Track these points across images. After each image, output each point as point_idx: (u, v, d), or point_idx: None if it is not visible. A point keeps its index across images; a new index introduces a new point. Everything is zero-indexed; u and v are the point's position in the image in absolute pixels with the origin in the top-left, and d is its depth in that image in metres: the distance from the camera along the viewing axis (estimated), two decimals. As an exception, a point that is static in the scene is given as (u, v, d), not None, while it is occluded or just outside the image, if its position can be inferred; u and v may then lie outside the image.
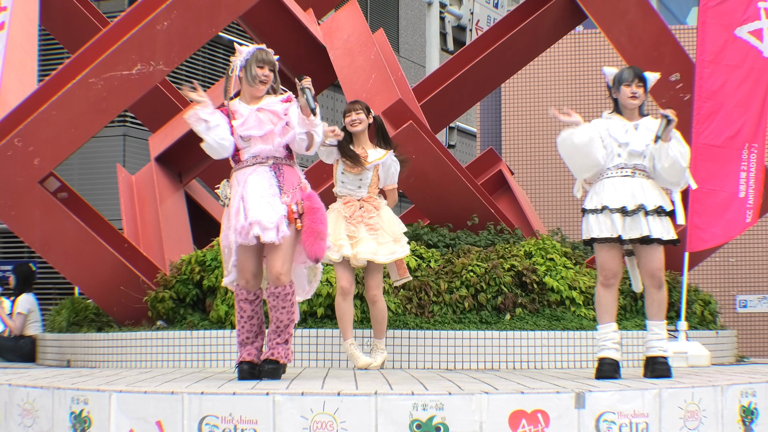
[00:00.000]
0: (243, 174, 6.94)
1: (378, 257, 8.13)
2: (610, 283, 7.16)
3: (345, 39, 11.20)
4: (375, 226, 8.18)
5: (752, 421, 6.70)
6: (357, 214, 8.21)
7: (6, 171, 9.33)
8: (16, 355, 12.07)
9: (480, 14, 26.01)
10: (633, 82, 7.22)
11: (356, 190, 8.26)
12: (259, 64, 7.10)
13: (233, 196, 6.91)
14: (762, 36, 9.71)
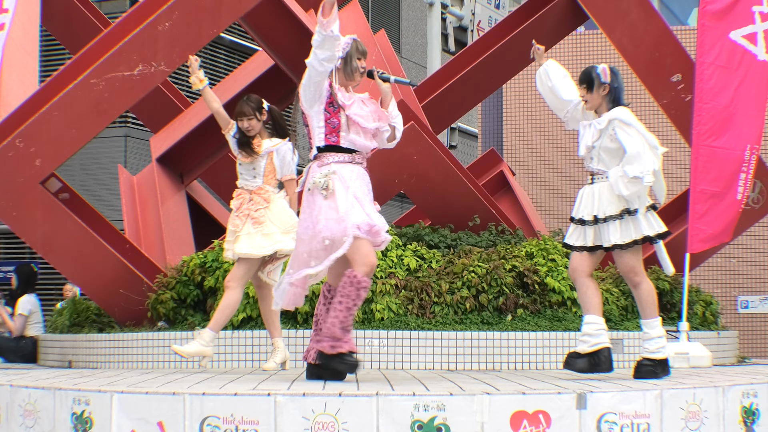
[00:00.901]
0: (347, 170, 6.85)
1: (258, 249, 7.90)
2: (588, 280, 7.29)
3: (346, 40, 11.19)
4: (260, 219, 7.96)
5: (754, 421, 6.70)
6: (245, 207, 8.05)
7: (7, 172, 9.33)
8: (17, 356, 12.08)
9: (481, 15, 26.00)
10: (580, 88, 7.30)
11: (251, 180, 8.11)
12: (358, 56, 7.04)
13: (339, 188, 6.78)
14: (756, 40, 9.73)
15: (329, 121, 6.88)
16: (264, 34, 11.57)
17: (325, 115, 6.88)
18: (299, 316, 8.90)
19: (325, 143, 6.89)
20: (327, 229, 6.72)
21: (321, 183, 6.77)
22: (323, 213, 6.76)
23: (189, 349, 7.75)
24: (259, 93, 12.25)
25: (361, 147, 6.92)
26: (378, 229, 6.82)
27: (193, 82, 8.09)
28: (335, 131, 6.87)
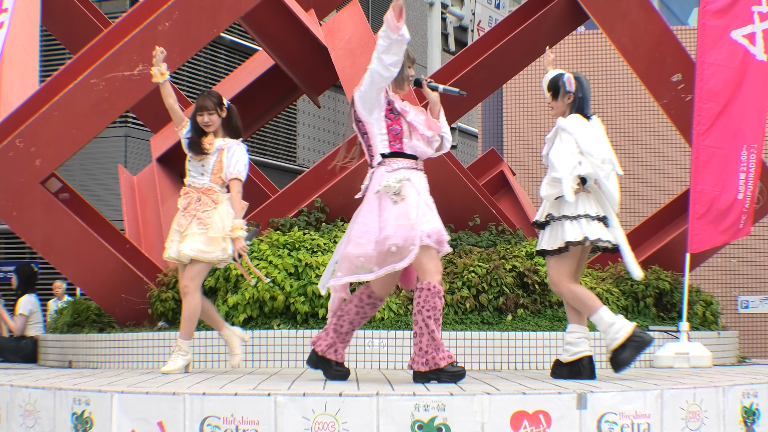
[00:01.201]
0: (415, 177, 6.84)
1: (202, 254, 7.75)
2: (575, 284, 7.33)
3: (347, 39, 11.19)
4: (206, 220, 7.80)
5: (754, 421, 6.70)
6: (192, 206, 7.89)
7: (7, 172, 9.33)
8: (17, 356, 12.08)
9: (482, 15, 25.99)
10: (547, 95, 7.42)
11: (199, 178, 7.91)
12: (409, 64, 7.04)
13: (411, 195, 6.73)
14: (755, 40, 9.73)
15: (391, 128, 6.87)
16: (264, 34, 11.58)
17: (387, 122, 6.86)
18: (299, 316, 8.90)
19: (389, 150, 6.86)
20: (397, 236, 6.64)
21: (394, 188, 6.72)
22: (393, 219, 6.68)
23: (177, 365, 7.75)
24: (259, 93, 12.32)
25: (422, 154, 6.93)
26: (445, 238, 6.81)
27: (154, 74, 7.92)
28: (398, 138, 6.87)
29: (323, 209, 9.94)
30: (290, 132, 21.30)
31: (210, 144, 7.90)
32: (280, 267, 9.01)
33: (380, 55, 6.68)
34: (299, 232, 9.41)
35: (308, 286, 8.91)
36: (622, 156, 14.61)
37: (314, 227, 9.82)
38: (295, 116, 21.40)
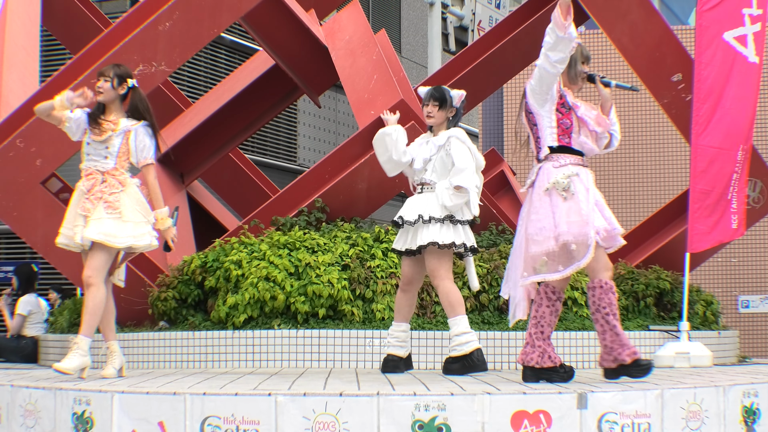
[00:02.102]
0: (585, 172, 6.89)
1: (111, 239, 7.30)
2: (405, 288, 7.79)
3: (347, 39, 11.20)
4: (115, 204, 7.38)
5: (754, 421, 6.70)
6: (98, 189, 7.41)
7: (8, 172, 9.33)
8: (18, 356, 12.08)
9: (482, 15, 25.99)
10: (429, 103, 7.73)
11: (102, 161, 7.47)
12: (582, 60, 7.04)
13: (580, 190, 6.75)
14: (746, 42, 9.75)
15: (561, 122, 6.93)
16: (264, 33, 11.58)
17: (557, 116, 6.92)
18: (299, 316, 8.90)
19: (557, 143, 6.92)
20: (570, 232, 6.68)
21: (563, 184, 6.78)
22: (565, 215, 6.72)
23: (72, 364, 7.21)
24: (259, 93, 12.33)
25: (588, 150, 6.99)
26: (616, 233, 6.84)
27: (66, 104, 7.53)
28: (567, 132, 6.93)
29: (324, 209, 9.94)
30: (291, 132, 21.30)
31: (114, 123, 7.52)
32: (281, 267, 9.01)
33: (546, 52, 6.76)
34: (299, 232, 9.41)
35: (308, 286, 8.91)
36: (622, 156, 14.64)
37: (315, 227, 9.82)
38: (295, 116, 21.39)
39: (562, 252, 6.72)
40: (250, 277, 8.98)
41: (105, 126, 7.51)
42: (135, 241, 7.39)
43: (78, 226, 7.40)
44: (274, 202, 10.16)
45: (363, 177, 9.81)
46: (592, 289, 6.81)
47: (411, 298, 7.83)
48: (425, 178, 7.68)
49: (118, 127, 7.52)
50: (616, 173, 14.91)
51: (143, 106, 7.63)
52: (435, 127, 7.79)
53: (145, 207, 7.55)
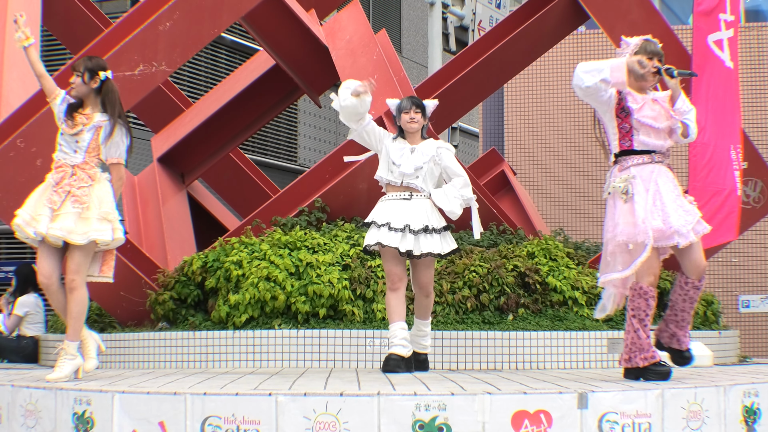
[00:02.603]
0: (647, 172, 7.03)
1: (73, 236, 7.20)
2: (396, 287, 7.80)
3: (347, 39, 11.20)
4: (83, 198, 7.27)
5: (755, 421, 6.70)
6: (66, 182, 7.32)
7: (8, 172, 9.33)
8: (18, 356, 12.07)
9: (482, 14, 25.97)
10: (411, 109, 7.88)
11: (72, 155, 7.41)
12: (648, 56, 7.13)
13: (639, 192, 6.95)
14: (723, 46, 9.79)
15: (621, 127, 7.12)
16: (265, 33, 11.58)
17: (617, 121, 7.13)
18: (300, 316, 8.90)
19: (620, 148, 7.13)
20: (624, 233, 6.95)
21: (620, 188, 7.02)
22: (623, 217, 6.99)
23: (63, 373, 7.17)
24: (260, 93, 12.33)
25: (654, 147, 7.09)
26: (672, 231, 6.95)
27: (19, 38, 7.35)
28: (628, 135, 7.10)
29: (324, 209, 9.94)
30: (291, 132, 21.30)
31: (87, 117, 7.46)
32: (281, 267, 9.01)
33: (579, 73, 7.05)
34: (300, 232, 9.41)
35: (309, 286, 8.91)
36: (622, 155, 14.64)
37: (315, 227, 9.82)
38: (296, 116, 21.39)
39: (622, 251, 7.03)
40: (250, 277, 8.98)
41: (78, 119, 7.45)
42: (98, 235, 7.27)
43: (42, 215, 7.27)
44: (274, 202, 10.16)
45: (364, 177, 9.81)
46: (631, 290, 7.05)
47: (403, 296, 7.88)
48: (417, 185, 7.80)
49: (91, 122, 7.45)
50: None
51: (110, 99, 7.51)
52: (411, 135, 7.93)
53: (110, 202, 7.42)
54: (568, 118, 15.16)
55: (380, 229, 7.72)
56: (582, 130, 15.12)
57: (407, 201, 7.81)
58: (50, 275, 7.37)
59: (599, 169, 15.04)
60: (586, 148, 15.04)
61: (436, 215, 7.84)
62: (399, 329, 7.81)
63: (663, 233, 6.94)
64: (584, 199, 15.00)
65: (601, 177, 15.01)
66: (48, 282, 7.36)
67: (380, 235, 7.71)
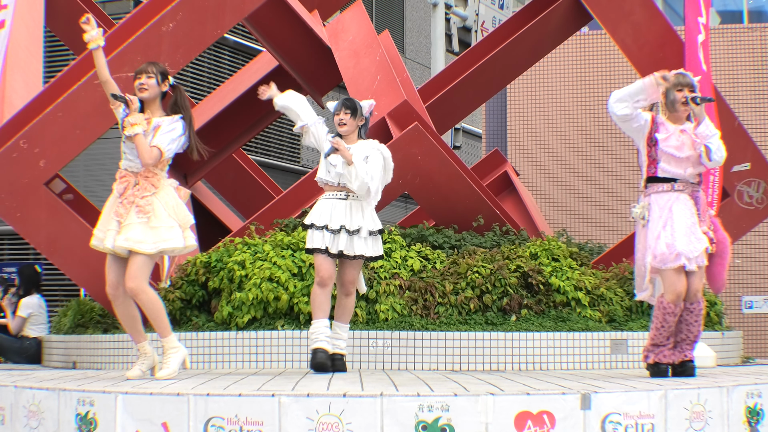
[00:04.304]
0: (665, 200, 7.39)
1: (142, 246, 7.10)
2: (324, 284, 7.84)
3: (350, 40, 11.20)
4: (146, 208, 7.15)
5: (758, 422, 6.69)
6: (130, 192, 7.20)
7: (11, 173, 9.34)
8: (21, 357, 12.09)
9: (485, 15, 25.98)
10: (341, 111, 7.93)
11: (135, 161, 7.25)
12: (679, 88, 7.42)
13: (653, 218, 7.37)
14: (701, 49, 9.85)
15: (650, 155, 7.46)
16: (268, 34, 11.59)
17: (647, 149, 7.45)
18: (302, 316, 8.90)
19: (647, 175, 7.50)
20: (643, 256, 7.46)
21: (638, 213, 7.49)
22: (640, 241, 7.51)
23: (172, 367, 7.24)
24: (263, 94, 12.28)
25: (675, 175, 7.42)
26: (677, 253, 7.27)
27: (94, 37, 7.20)
28: (654, 163, 7.45)
29: (327, 210, 9.94)
30: (294, 133, 21.29)
31: (148, 122, 7.27)
32: (284, 267, 9.01)
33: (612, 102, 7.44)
34: (303, 233, 9.41)
35: (312, 287, 8.90)
36: (623, 156, 14.63)
37: (318, 228, 9.81)
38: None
39: (640, 273, 7.56)
40: (253, 277, 8.98)
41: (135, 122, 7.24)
42: (166, 244, 7.16)
43: (110, 230, 7.17)
44: (277, 202, 10.16)
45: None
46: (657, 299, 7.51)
47: (329, 292, 7.90)
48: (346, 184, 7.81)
49: (150, 126, 7.27)
50: (619, 175, 14.90)
51: (185, 104, 7.43)
52: (347, 136, 7.93)
53: (179, 209, 7.29)
54: (571, 119, 15.16)
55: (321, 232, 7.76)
56: (585, 131, 15.11)
57: (343, 201, 7.84)
58: (117, 285, 7.28)
59: (602, 170, 15.04)
60: (589, 150, 15.04)
61: (371, 217, 7.89)
62: (323, 326, 7.82)
63: (666, 257, 7.28)
64: (587, 200, 14.99)
65: (603, 177, 15.01)
66: (115, 293, 7.28)
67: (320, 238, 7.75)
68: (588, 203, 14.99)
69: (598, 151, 15.06)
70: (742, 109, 14.43)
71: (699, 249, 7.32)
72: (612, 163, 14.95)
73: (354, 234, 7.78)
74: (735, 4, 20.51)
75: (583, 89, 15.18)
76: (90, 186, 16.79)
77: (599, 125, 15.06)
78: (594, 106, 14.99)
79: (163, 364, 7.28)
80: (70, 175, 13.34)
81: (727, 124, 10.01)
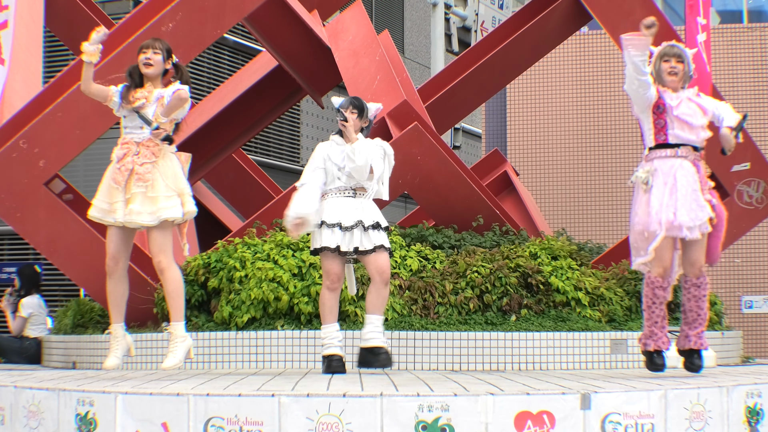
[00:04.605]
0: (669, 165, 7.26)
1: (142, 217, 7.08)
2: (334, 287, 7.75)
3: (350, 40, 11.20)
4: (146, 176, 7.10)
5: (758, 422, 6.69)
6: (129, 159, 7.14)
7: (11, 173, 9.34)
8: (21, 357, 12.09)
9: (485, 15, 25.98)
10: (347, 108, 7.84)
11: (138, 132, 7.23)
12: (664, 59, 7.41)
13: (657, 184, 7.19)
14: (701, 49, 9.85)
15: (656, 122, 7.37)
16: (267, 34, 11.58)
17: (653, 117, 7.37)
18: (303, 317, 8.90)
19: (655, 142, 7.37)
20: (641, 222, 7.28)
21: (642, 178, 7.32)
22: (641, 206, 7.32)
23: (178, 357, 7.29)
24: (263, 94, 12.33)
25: (687, 140, 7.33)
26: (679, 224, 7.15)
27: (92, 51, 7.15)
28: (663, 130, 7.35)
29: (327, 210, 9.93)
30: (294, 133, 21.30)
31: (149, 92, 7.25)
32: (284, 267, 9.01)
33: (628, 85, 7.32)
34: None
35: (312, 287, 8.91)
36: (623, 157, 14.63)
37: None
38: (298, 117, 21.39)
39: (641, 238, 7.32)
40: (253, 277, 8.98)
41: (138, 94, 7.24)
42: (168, 213, 7.15)
43: (117, 202, 7.15)
44: (277, 202, 10.16)
45: (366, 178, 9.80)
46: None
47: (338, 296, 7.85)
48: (357, 184, 7.78)
49: (152, 95, 7.25)
50: (618, 174, 14.91)
51: (185, 76, 7.39)
52: (348, 135, 7.78)
53: (178, 179, 7.25)
54: (571, 118, 15.16)
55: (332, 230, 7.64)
56: (585, 131, 15.11)
57: (353, 198, 7.77)
58: (117, 258, 7.29)
59: (602, 170, 15.03)
60: (588, 149, 15.04)
61: (379, 214, 7.82)
62: (335, 331, 7.78)
63: (671, 224, 7.16)
64: (587, 200, 14.99)
65: (603, 177, 15.01)
66: (114, 266, 7.28)
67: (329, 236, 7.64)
68: (587, 203, 15.00)
69: (598, 151, 15.06)
70: (742, 109, 14.40)
71: (702, 217, 7.22)
72: (612, 163, 14.95)
73: (369, 229, 7.69)
74: (735, 3, 20.50)
75: (583, 89, 15.18)
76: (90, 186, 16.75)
77: (599, 125, 15.06)
78: (594, 106, 14.99)
79: (169, 352, 7.30)
80: (69, 175, 13.34)
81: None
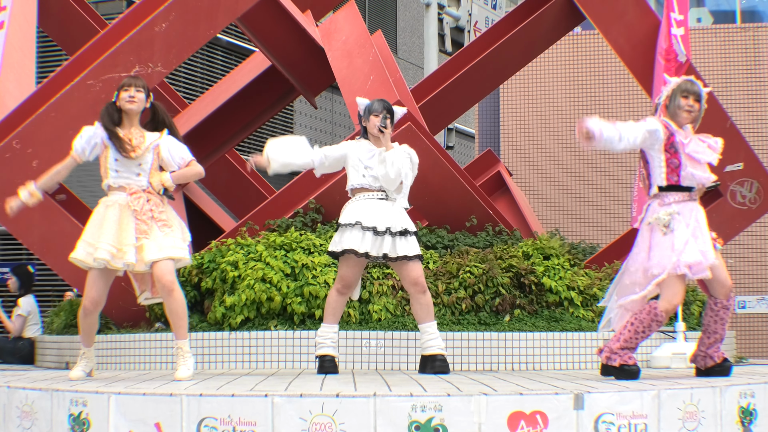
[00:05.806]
0: (687, 209, 7.15)
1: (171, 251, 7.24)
2: (345, 291, 7.73)
3: (343, 40, 11.20)
4: (169, 222, 7.31)
5: (751, 422, 6.70)
6: (147, 208, 7.29)
7: (4, 173, 9.33)
8: (14, 357, 12.08)
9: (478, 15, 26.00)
10: (381, 113, 7.73)
11: (135, 179, 7.34)
12: (683, 94, 7.24)
13: (679, 228, 7.04)
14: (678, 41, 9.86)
15: (670, 162, 7.17)
16: (261, 35, 11.58)
17: (666, 156, 7.17)
18: (296, 317, 8.90)
19: (666, 183, 7.17)
20: (659, 265, 7.05)
21: (664, 220, 7.09)
22: (659, 248, 7.09)
23: (191, 370, 7.25)
24: (256, 94, 12.32)
25: (700, 180, 7.19)
26: (704, 266, 7.02)
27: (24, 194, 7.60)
28: (676, 171, 7.16)
29: (319, 210, 9.94)
30: (287, 133, 21.30)
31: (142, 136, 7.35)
32: (277, 268, 9.01)
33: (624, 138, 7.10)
34: (296, 233, 9.41)
35: (305, 287, 8.91)
36: (616, 157, 14.64)
37: (310, 228, 9.82)
38: (291, 117, 21.39)
39: (644, 279, 7.16)
40: (246, 278, 8.98)
41: (135, 142, 7.34)
42: (178, 253, 7.32)
43: (128, 245, 7.21)
44: (270, 203, 10.16)
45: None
46: (649, 305, 7.15)
47: (345, 300, 7.81)
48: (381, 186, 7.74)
49: (144, 143, 7.33)
50: (612, 175, 14.92)
51: (170, 121, 7.54)
52: (385, 142, 7.72)
53: (182, 223, 7.51)
54: (564, 119, 15.17)
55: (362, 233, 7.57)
56: (578, 131, 15.12)
57: (384, 201, 7.74)
58: (99, 302, 7.38)
59: (595, 171, 15.05)
60: (581, 150, 15.05)
61: (407, 218, 7.76)
62: (332, 332, 7.78)
63: (701, 266, 7.03)
64: (580, 200, 15.01)
65: (596, 178, 15.01)
66: (92, 309, 7.36)
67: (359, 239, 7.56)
68: (581, 203, 15.01)
69: (591, 152, 15.06)
70: (735, 109, 14.46)
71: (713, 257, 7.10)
72: (605, 164, 14.97)
73: (396, 235, 7.62)
74: (728, 3, 20.53)
75: (576, 89, 15.19)
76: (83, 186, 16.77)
77: (592, 125, 15.05)
78: (587, 107, 15.00)
79: (180, 365, 7.25)
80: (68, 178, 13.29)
81: (720, 124, 10.02)
